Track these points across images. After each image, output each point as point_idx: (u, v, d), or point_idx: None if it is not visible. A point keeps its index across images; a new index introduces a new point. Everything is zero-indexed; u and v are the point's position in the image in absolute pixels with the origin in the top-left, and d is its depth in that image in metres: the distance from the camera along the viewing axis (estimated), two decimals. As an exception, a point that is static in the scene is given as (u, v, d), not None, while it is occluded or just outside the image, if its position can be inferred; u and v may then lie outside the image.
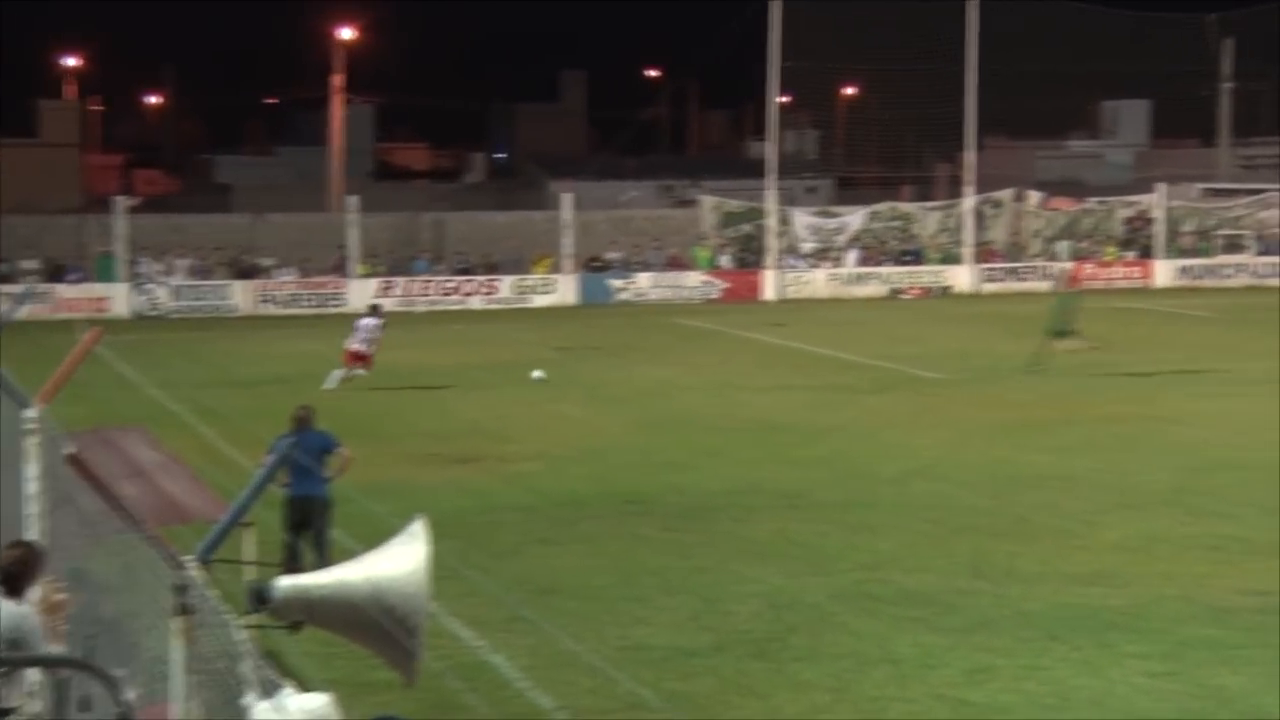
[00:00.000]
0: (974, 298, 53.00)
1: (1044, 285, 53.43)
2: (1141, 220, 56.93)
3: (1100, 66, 69.65)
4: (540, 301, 50.72)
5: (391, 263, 51.37)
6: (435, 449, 23.81)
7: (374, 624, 6.45)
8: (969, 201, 54.89)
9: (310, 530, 15.75)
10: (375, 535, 7.77)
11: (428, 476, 21.63)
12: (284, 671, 7.96)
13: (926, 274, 54.20)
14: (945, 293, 53.54)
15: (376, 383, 30.02)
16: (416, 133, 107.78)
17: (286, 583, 6.60)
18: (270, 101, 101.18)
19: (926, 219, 56.44)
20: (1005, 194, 56.91)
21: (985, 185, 56.02)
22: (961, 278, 53.91)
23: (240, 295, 48.67)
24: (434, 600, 6.86)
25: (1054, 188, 61.95)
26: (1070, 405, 27.71)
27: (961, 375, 32.03)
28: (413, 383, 31.08)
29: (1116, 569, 16.25)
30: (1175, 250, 56.00)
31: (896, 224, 56.34)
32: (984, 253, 55.20)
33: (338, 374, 30.25)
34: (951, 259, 54.93)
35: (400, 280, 50.25)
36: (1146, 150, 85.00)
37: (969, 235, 54.44)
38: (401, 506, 17.75)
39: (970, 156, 54.85)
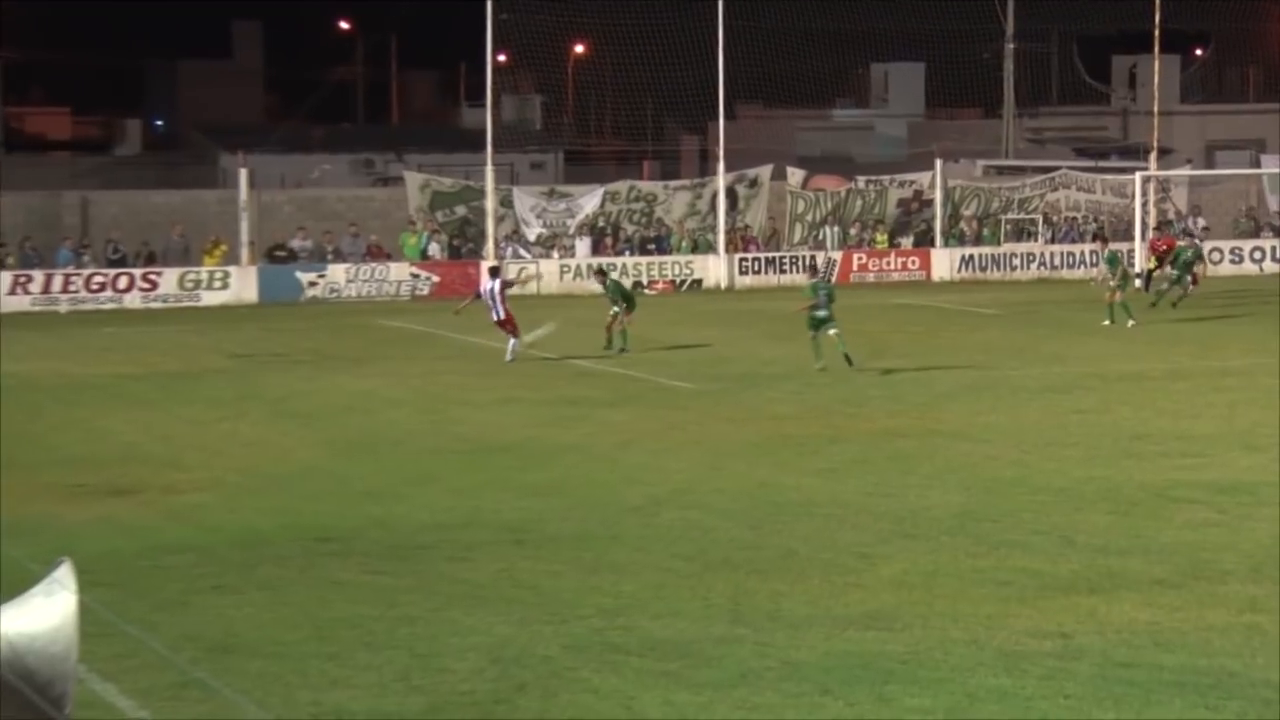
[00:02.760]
0: (728, 293, 53.81)
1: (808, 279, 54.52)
2: (918, 202, 58.49)
3: (869, 24, 71.43)
4: (212, 299, 49.91)
5: (26, 252, 49.93)
6: (83, 478, 23.26)
7: (11, 692, 6.26)
8: (721, 180, 55.71)
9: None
10: (10, 585, 7.50)
11: (75, 512, 21.12)
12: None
13: (673, 265, 54.84)
14: (695, 287, 54.27)
15: (6, 399, 29.17)
16: (54, 95, 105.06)
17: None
18: None
19: (672, 201, 57.10)
20: (762, 171, 57.89)
21: (739, 161, 56.93)
22: (714, 269, 54.70)
23: None
24: (83, 662, 6.66)
25: (818, 164, 63.32)
26: (841, 419, 28.31)
27: (716, 384, 32.46)
28: (55, 399, 30.28)
29: (895, 609, 16.61)
30: (956, 237, 57.67)
31: (637, 206, 56.87)
32: (739, 240, 56.08)
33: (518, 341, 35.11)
34: (702, 247, 55.69)
35: (38, 274, 48.90)
36: (922, 121, 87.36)
37: (721, 220, 55.25)
38: (42, 549, 17.26)
39: (721, 128, 55.66)
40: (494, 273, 38.42)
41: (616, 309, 37.18)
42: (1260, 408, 28.67)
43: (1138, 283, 50.74)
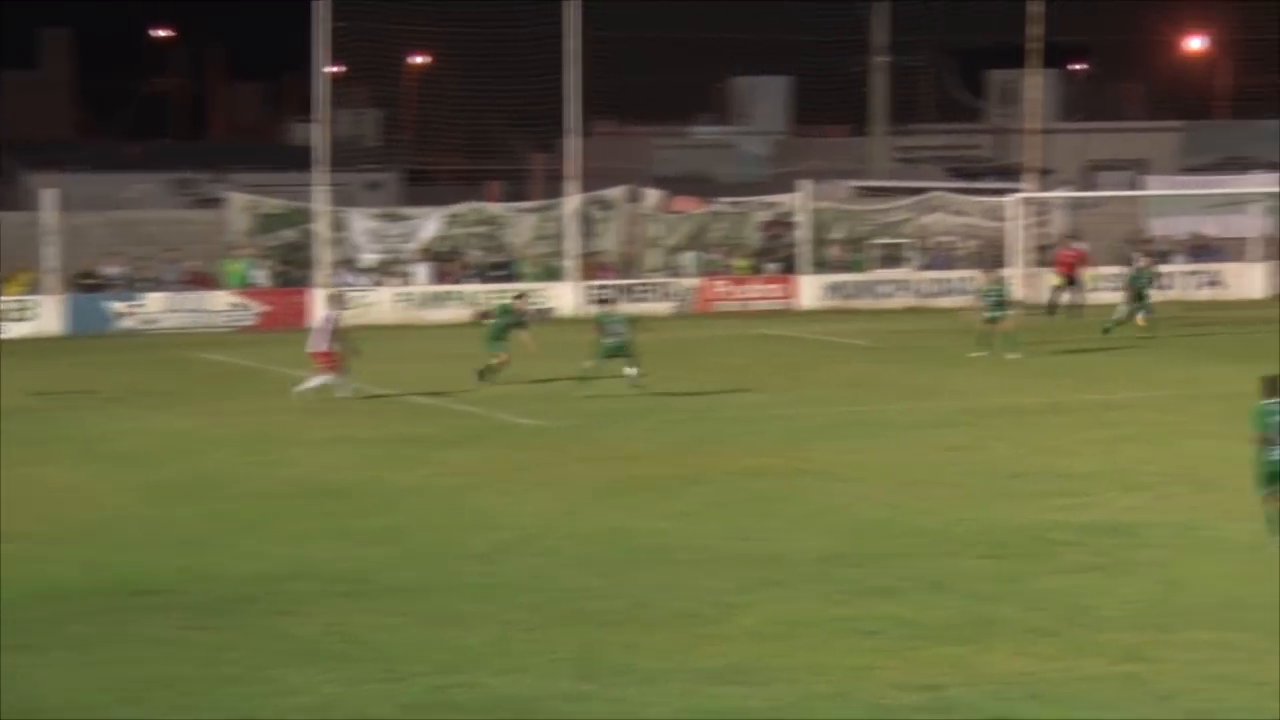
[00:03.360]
0: (581, 322, 53.82)
1: (667, 306, 54.79)
2: (782, 226, 58.90)
3: (730, 35, 71.98)
4: (14, 331, 49.20)
5: None
6: None
7: None
8: (572, 202, 55.81)
9: None
10: None
11: None
12: None
13: (521, 293, 54.76)
14: (544, 316, 54.26)
15: None
16: None
17: None
18: None
19: (520, 224, 57.10)
20: (617, 193, 58.05)
21: (592, 182, 57.03)
22: (564, 297, 54.75)
23: None
24: None
25: (677, 185, 63.55)
26: (700, 458, 28.43)
27: (565, 421, 32.49)
28: None
29: (756, 662, 16.71)
30: (823, 263, 58.14)
31: (482, 230, 56.82)
32: (592, 266, 56.18)
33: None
34: (552, 274, 55.71)
35: None
36: (787, 139, 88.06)
37: (573, 244, 55.33)
38: None
39: (573, 145, 55.79)
40: (334, 302, 38.19)
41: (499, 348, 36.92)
42: (1142, 444, 29.16)
43: (1009, 312, 51.38)
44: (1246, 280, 59.20)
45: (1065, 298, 51.94)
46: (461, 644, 17.43)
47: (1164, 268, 59.38)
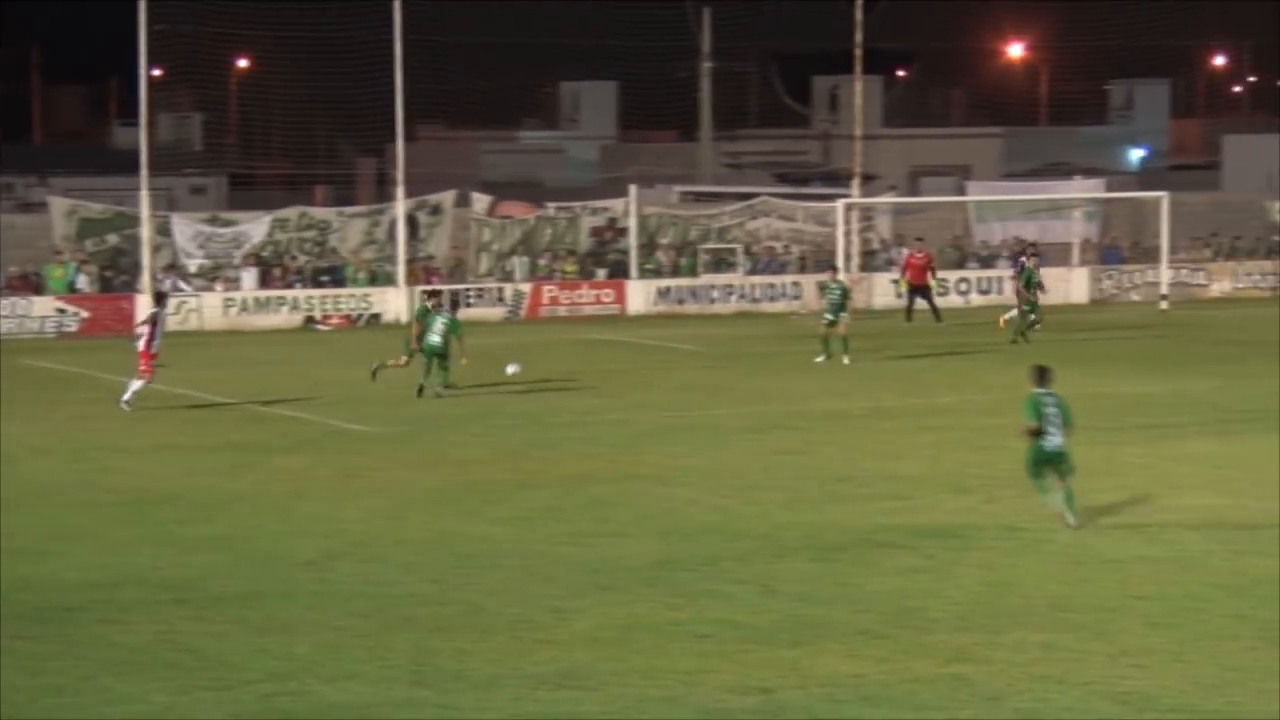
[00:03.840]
0: (409, 328, 53.69)
1: (498, 312, 54.77)
2: (612, 231, 59.09)
3: (558, 39, 72.05)
4: None
5: None
6: None
7: None
8: (400, 207, 55.62)
9: None
10: None
11: None
12: None
13: (350, 298, 54.55)
14: (373, 322, 54.04)
15: None
16: None
17: None
18: None
19: (348, 228, 56.82)
20: (445, 197, 57.94)
21: (420, 186, 56.88)
22: (393, 303, 54.55)
23: None
24: None
25: (505, 190, 63.58)
26: (531, 463, 28.47)
27: (396, 427, 32.40)
28: None
29: (589, 666, 16.78)
30: (653, 268, 58.38)
31: (309, 235, 56.47)
32: (421, 271, 56.02)
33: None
34: (380, 279, 55.49)
35: None
36: (615, 144, 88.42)
37: (401, 249, 55.14)
38: None
39: (400, 149, 55.59)
40: (159, 299, 37.55)
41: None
42: (968, 448, 29.56)
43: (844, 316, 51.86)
44: (1068, 285, 60.15)
45: (919, 302, 52.33)
46: (292, 651, 17.34)
47: (989, 273, 60.40)
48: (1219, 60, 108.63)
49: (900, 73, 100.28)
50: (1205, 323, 52.60)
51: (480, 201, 58.63)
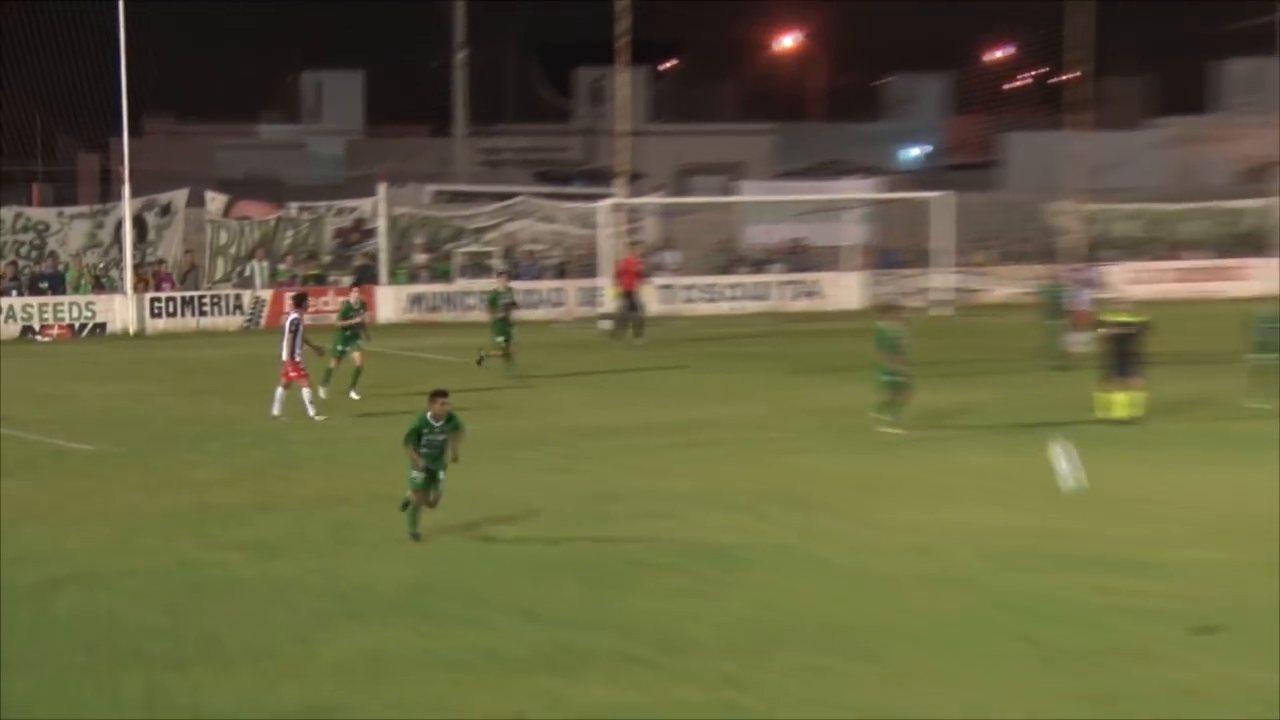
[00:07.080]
0: (137, 339, 53.14)
1: (236, 321, 54.38)
2: (359, 233, 58.94)
3: (298, 26, 71.63)
4: None
5: None
6: None
7: None
8: (127, 207, 55.03)
9: None
10: None
11: None
12: None
13: (72, 306, 53.88)
14: (98, 332, 53.44)
15: None
16: None
17: None
18: None
19: (69, 231, 56.14)
20: (176, 197, 57.43)
21: (149, 185, 56.36)
22: (119, 311, 53.97)
23: None
24: None
25: (243, 188, 63.13)
26: (273, 484, 28.40)
27: (123, 446, 32.12)
28: None
29: (337, 700, 16.85)
30: (404, 273, 58.31)
31: (26, 238, 55.72)
32: (150, 277, 55.48)
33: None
34: (105, 285, 54.87)
35: None
36: (361, 139, 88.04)
37: (128, 253, 54.56)
38: None
39: (125, 145, 55.00)
40: (299, 303, 38.14)
41: (501, 338, 40.99)
42: (736, 463, 29.96)
43: (605, 324, 52.34)
44: (842, 290, 61.10)
45: (627, 310, 52.09)
46: (12, 688, 17.19)
47: (760, 277, 61.15)
48: (998, 54, 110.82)
49: (668, 65, 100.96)
50: (983, 329, 53.73)
51: (215, 201, 58.21)
